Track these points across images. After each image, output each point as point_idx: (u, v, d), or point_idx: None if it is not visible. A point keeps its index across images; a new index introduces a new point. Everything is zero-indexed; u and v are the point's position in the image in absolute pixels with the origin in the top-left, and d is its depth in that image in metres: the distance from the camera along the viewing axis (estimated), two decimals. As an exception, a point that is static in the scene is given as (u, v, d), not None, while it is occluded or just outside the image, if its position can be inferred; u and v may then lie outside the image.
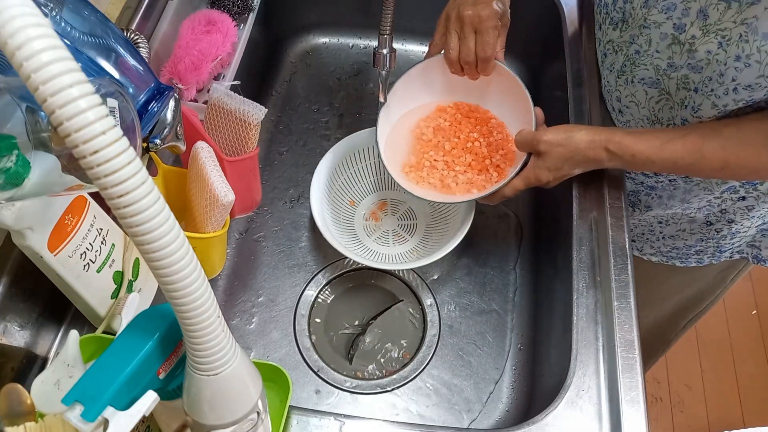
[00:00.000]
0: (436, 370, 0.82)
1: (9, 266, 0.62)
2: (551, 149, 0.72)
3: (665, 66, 0.71)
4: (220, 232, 0.70)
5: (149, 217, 0.30)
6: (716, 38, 0.63)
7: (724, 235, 0.89)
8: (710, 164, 0.66)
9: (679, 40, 0.68)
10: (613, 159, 0.70)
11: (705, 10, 0.63)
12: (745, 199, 0.82)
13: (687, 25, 0.66)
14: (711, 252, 0.94)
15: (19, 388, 0.46)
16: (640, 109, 0.79)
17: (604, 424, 0.63)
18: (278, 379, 0.64)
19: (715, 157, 0.65)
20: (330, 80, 1.12)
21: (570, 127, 0.73)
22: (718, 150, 0.65)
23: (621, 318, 0.68)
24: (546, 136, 0.72)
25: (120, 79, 0.53)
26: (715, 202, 0.85)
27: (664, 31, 0.69)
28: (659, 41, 0.70)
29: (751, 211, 0.83)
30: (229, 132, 0.74)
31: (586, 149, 0.70)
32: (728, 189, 0.81)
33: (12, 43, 0.26)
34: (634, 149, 0.68)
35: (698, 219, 0.89)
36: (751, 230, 0.88)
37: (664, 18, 0.68)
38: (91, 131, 0.28)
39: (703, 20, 0.64)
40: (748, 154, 0.64)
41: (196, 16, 0.89)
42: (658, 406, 1.68)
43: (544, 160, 0.73)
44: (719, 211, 0.86)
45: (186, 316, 0.35)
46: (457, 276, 0.90)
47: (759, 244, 0.91)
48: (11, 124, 0.38)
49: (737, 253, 0.94)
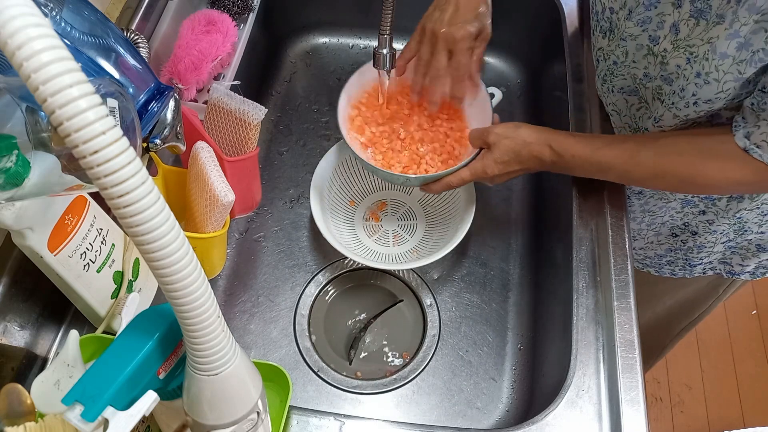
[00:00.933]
0: (436, 370, 0.82)
1: (9, 266, 0.62)
2: (499, 140, 0.73)
3: (641, 75, 0.73)
4: (220, 232, 0.70)
5: (149, 217, 0.30)
6: (685, 54, 0.65)
7: (690, 248, 0.91)
8: (644, 171, 0.68)
9: (653, 52, 0.69)
10: (555, 157, 0.72)
11: (677, 24, 0.65)
12: (705, 213, 0.84)
13: (660, 38, 0.67)
14: (681, 265, 0.96)
15: (19, 388, 0.46)
16: (621, 117, 0.81)
17: (604, 424, 0.63)
18: (278, 379, 0.64)
19: (649, 164, 0.67)
20: (330, 80, 1.12)
21: (519, 123, 0.75)
22: (651, 157, 0.67)
23: (621, 318, 0.68)
24: (496, 129, 0.75)
25: (120, 79, 0.53)
26: (677, 216, 0.87)
27: (640, 42, 0.70)
28: (635, 52, 0.72)
29: (712, 225, 0.85)
30: (229, 132, 0.74)
31: (532, 144, 0.72)
32: (687, 203, 0.84)
33: (12, 43, 0.26)
34: (573, 149, 0.70)
35: (663, 232, 0.92)
36: (717, 246, 0.90)
37: (640, 30, 0.70)
38: (91, 131, 0.28)
39: (674, 35, 0.65)
40: (679, 163, 0.66)
41: (196, 16, 0.89)
42: (658, 406, 1.68)
43: (492, 152, 0.74)
44: (682, 224, 0.88)
45: (186, 316, 0.35)
46: (457, 276, 0.90)
47: (730, 261, 0.93)
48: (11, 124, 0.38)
49: (710, 270, 0.96)
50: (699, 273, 0.96)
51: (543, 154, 0.72)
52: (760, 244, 0.86)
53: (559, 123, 0.89)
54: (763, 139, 0.60)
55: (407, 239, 0.92)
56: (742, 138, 0.61)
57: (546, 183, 0.96)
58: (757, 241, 0.86)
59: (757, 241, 0.86)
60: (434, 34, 0.76)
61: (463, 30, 0.74)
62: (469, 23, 0.74)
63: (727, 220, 0.83)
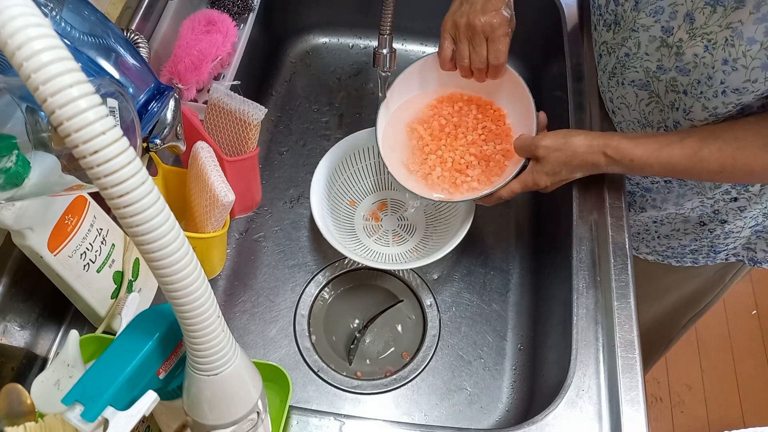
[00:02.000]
0: (436, 370, 0.82)
1: (9, 266, 0.62)
2: (549, 154, 0.72)
3: (654, 68, 0.72)
4: (220, 232, 0.70)
5: (149, 217, 0.30)
6: (702, 42, 0.64)
7: (717, 235, 0.90)
8: (708, 167, 0.66)
9: (667, 43, 0.68)
10: (612, 163, 0.70)
11: (692, 13, 0.64)
12: (737, 200, 0.82)
13: (674, 28, 0.66)
14: (706, 252, 0.94)
15: (19, 388, 0.46)
16: (630, 111, 0.80)
17: (604, 424, 0.63)
18: (278, 379, 0.64)
19: (713, 160, 0.66)
20: (330, 80, 1.12)
21: (568, 132, 0.73)
22: (715, 153, 0.66)
23: (621, 318, 0.68)
24: (544, 141, 0.72)
25: (120, 79, 0.53)
26: (707, 203, 0.85)
27: (653, 34, 0.69)
28: (648, 44, 0.70)
29: (743, 212, 0.83)
30: (229, 132, 0.74)
31: (585, 154, 0.70)
32: (720, 191, 0.82)
33: (12, 43, 0.26)
34: (632, 154, 0.69)
35: (692, 219, 0.90)
36: (745, 231, 0.88)
37: (653, 21, 0.68)
38: (91, 131, 0.28)
39: (689, 24, 0.64)
40: (745, 156, 0.65)
41: (196, 16, 0.89)
42: (658, 406, 1.68)
43: (542, 165, 0.73)
44: (712, 212, 0.86)
45: (186, 316, 0.35)
46: (457, 276, 0.90)
47: (754, 246, 0.91)
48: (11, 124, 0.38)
49: (733, 256, 0.94)
50: (722, 259, 0.95)
51: (598, 161, 0.70)
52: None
53: (559, 123, 0.89)
54: None
55: (407, 239, 0.92)
56: None
57: (546, 183, 0.96)
58: None
59: None
60: (470, 26, 0.74)
61: (499, 16, 0.73)
62: (503, 9, 0.74)
63: (759, 205, 0.81)
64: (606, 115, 0.86)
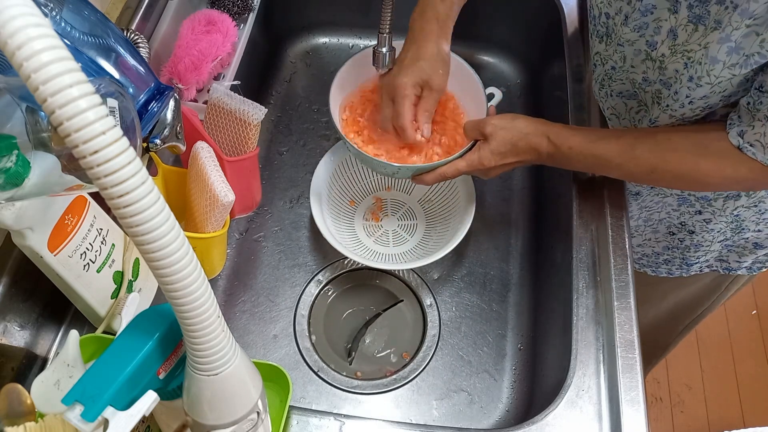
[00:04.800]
0: (436, 370, 0.82)
1: (9, 266, 0.62)
2: (496, 131, 0.74)
3: (641, 80, 0.73)
4: (220, 232, 0.70)
5: (149, 217, 0.30)
6: (682, 58, 0.65)
7: (687, 247, 0.91)
8: (640, 165, 0.68)
9: (652, 57, 0.69)
10: (552, 149, 0.72)
11: (675, 30, 0.65)
12: (702, 213, 0.84)
13: (658, 43, 0.68)
14: (678, 264, 0.96)
15: (19, 388, 0.46)
16: (621, 120, 0.81)
17: (604, 424, 0.63)
18: (278, 379, 0.64)
19: (645, 159, 0.67)
20: (330, 80, 1.12)
21: (516, 115, 0.75)
22: (647, 152, 0.67)
23: (621, 318, 0.68)
24: (492, 119, 0.75)
25: (120, 79, 0.53)
26: (674, 215, 0.87)
27: (638, 47, 0.71)
28: (633, 57, 0.72)
29: (710, 224, 0.85)
30: (229, 132, 0.74)
31: (529, 134, 0.72)
32: (683, 202, 0.84)
33: (12, 43, 0.26)
34: (570, 141, 0.71)
35: (660, 229, 0.92)
36: (714, 245, 0.90)
37: (637, 36, 0.70)
38: (91, 131, 0.28)
39: (672, 40, 0.65)
40: (674, 159, 0.66)
41: (196, 16, 0.89)
42: (658, 406, 1.68)
43: (489, 143, 0.74)
44: (679, 223, 0.88)
45: (186, 316, 0.35)
46: (457, 276, 0.90)
47: (727, 258, 0.93)
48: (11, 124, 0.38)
49: (707, 268, 0.96)
50: (696, 271, 0.96)
51: (540, 145, 0.72)
52: (757, 242, 0.87)
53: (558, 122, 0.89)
54: (757, 138, 0.60)
55: (407, 239, 0.92)
56: (736, 136, 0.62)
57: (546, 183, 0.96)
58: (754, 239, 0.86)
59: (755, 239, 0.86)
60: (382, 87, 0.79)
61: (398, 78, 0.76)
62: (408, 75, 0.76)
63: (724, 219, 0.83)
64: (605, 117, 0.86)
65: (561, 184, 0.85)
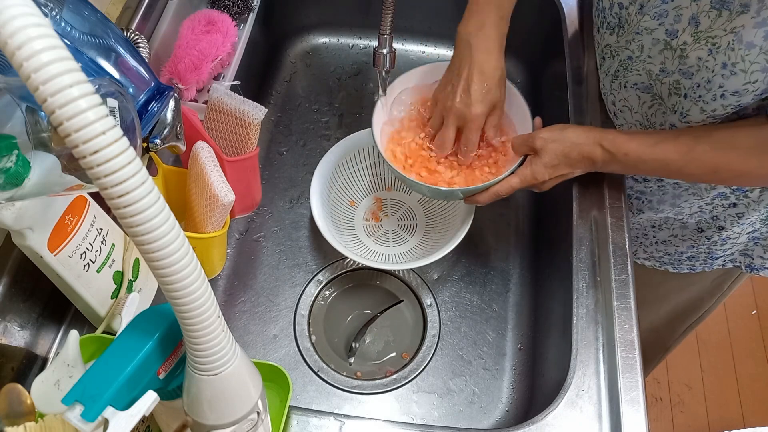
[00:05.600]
0: (436, 370, 0.82)
1: (9, 266, 0.62)
2: (546, 145, 0.72)
3: (657, 71, 0.72)
4: (220, 232, 0.70)
5: (149, 217, 0.30)
6: (707, 45, 0.64)
7: (714, 242, 0.90)
8: (700, 166, 0.67)
9: (671, 46, 0.68)
10: (607, 157, 0.70)
11: (697, 17, 0.64)
12: (736, 206, 0.82)
13: (679, 31, 0.66)
14: (703, 259, 0.95)
15: (19, 388, 0.46)
16: (633, 113, 0.80)
17: (604, 424, 0.63)
18: (278, 379, 0.64)
19: (706, 159, 0.66)
20: (330, 80, 1.12)
21: (565, 125, 0.74)
22: (708, 152, 0.66)
23: (621, 318, 0.68)
24: (542, 133, 0.73)
25: (120, 79, 0.53)
26: (706, 209, 0.85)
27: (656, 36, 0.69)
28: (651, 47, 0.71)
29: (741, 218, 0.83)
30: (229, 132, 0.74)
31: (581, 144, 0.71)
32: (718, 195, 0.82)
33: (12, 43, 0.26)
34: (626, 147, 0.69)
35: (690, 225, 0.90)
36: (742, 237, 0.88)
37: (656, 24, 0.69)
38: (91, 131, 0.28)
39: (694, 27, 0.65)
40: (736, 157, 0.65)
41: (196, 16, 0.89)
42: (658, 406, 1.68)
43: (540, 157, 0.73)
44: (710, 218, 0.86)
45: (186, 316, 0.35)
46: (457, 276, 0.90)
47: (751, 253, 0.92)
48: (11, 124, 0.38)
49: (730, 262, 0.94)
50: (719, 265, 0.95)
51: (594, 153, 0.70)
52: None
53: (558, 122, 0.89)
54: None
55: (407, 239, 0.92)
56: None
57: (546, 183, 0.96)
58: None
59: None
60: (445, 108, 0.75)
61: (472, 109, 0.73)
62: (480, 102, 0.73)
63: (757, 213, 0.81)
64: (606, 117, 0.86)
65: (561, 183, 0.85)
